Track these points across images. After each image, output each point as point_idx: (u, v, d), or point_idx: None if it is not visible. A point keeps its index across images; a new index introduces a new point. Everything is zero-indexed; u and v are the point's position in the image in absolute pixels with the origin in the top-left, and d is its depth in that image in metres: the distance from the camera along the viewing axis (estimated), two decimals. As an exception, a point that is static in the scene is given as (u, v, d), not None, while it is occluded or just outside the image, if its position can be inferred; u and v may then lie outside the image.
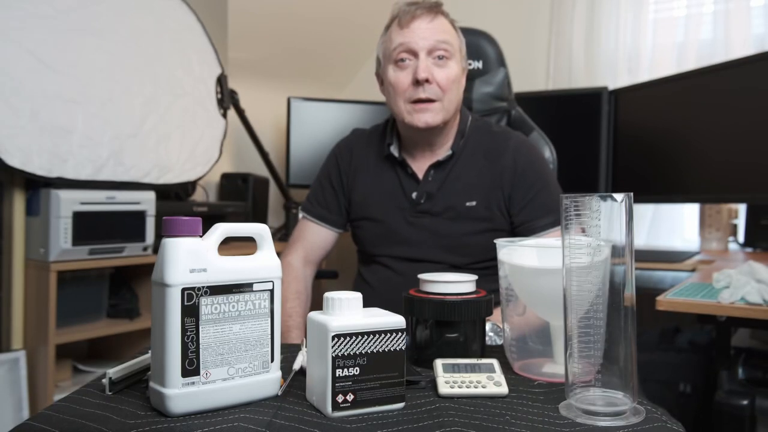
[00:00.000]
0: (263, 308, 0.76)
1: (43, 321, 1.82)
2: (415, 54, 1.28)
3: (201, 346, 0.71)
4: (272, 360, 0.77)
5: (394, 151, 1.38)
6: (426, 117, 1.29)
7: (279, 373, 0.78)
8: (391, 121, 1.43)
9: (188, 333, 0.70)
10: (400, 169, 1.38)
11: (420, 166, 1.38)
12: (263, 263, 0.77)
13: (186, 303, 0.70)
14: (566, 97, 2.38)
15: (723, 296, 1.20)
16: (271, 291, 0.77)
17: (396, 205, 1.37)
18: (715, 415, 1.34)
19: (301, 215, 1.51)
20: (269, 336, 0.77)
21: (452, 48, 1.30)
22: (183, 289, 0.70)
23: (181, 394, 0.70)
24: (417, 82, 1.27)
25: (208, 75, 2.32)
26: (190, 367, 0.70)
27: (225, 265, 0.73)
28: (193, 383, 0.71)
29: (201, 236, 0.73)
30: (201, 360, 0.71)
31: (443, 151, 1.37)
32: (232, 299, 0.73)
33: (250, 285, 0.75)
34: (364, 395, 0.71)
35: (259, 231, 0.78)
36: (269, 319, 0.77)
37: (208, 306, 0.72)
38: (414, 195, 1.36)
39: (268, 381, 0.76)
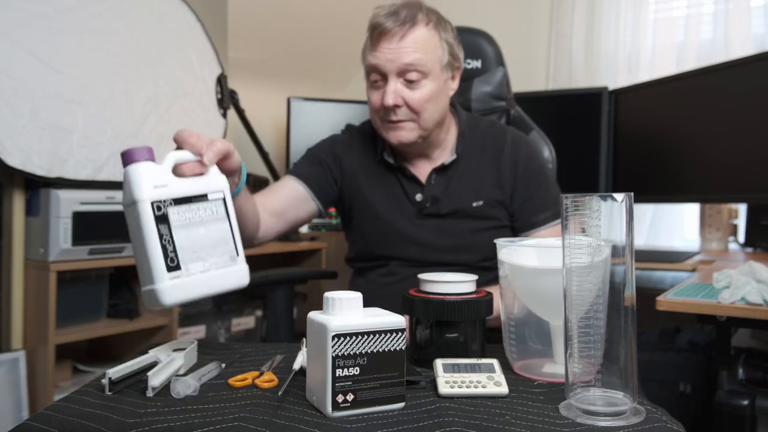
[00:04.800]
0: (220, 214, 0.90)
1: (43, 321, 1.82)
2: (384, 76, 1.24)
3: (177, 247, 0.83)
4: (237, 254, 0.91)
5: (388, 158, 1.37)
6: (399, 135, 1.27)
7: (246, 266, 0.92)
8: None
9: (164, 237, 0.82)
10: (399, 173, 1.37)
11: (419, 170, 1.36)
12: (211, 179, 0.90)
13: (157, 213, 0.82)
14: (566, 97, 2.38)
15: (723, 296, 1.20)
16: (224, 199, 0.91)
17: (400, 208, 1.36)
18: (715, 415, 1.34)
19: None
20: (230, 235, 0.90)
21: (425, 66, 1.22)
22: (152, 202, 0.82)
23: (170, 286, 0.81)
24: (386, 107, 1.24)
25: (208, 75, 2.33)
26: (172, 264, 0.82)
27: (181, 183, 0.86)
28: (178, 277, 0.82)
29: (155, 161, 0.85)
30: (180, 258, 0.83)
31: (445, 155, 1.36)
32: (193, 207, 0.87)
33: (205, 196, 0.88)
34: (364, 395, 0.71)
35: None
36: (227, 221, 0.90)
37: (175, 215, 0.84)
38: (418, 197, 1.34)
39: (238, 271, 0.90)
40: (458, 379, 0.79)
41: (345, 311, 0.73)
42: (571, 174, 2.21)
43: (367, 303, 0.77)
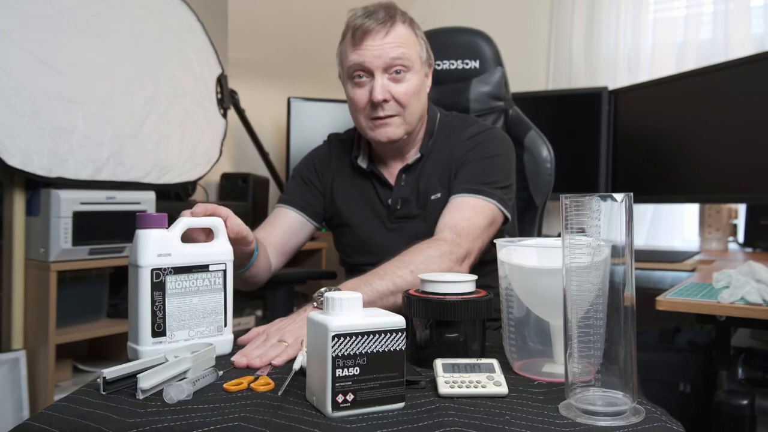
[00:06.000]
0: (217, 285, 0.94)
1: (44, 321, 1.82)
2: (370, 73, 1.25)
3: (167, 314, 0.89)
4: (225, 325, 0.95)
5: (362, 163, 1.37)
6: (387, 132, 1.28)
7: (231, 336, 0.95)
8: (357, 131, 1.41)
9: (156, 303, 0.88)
10: (374, 177, 1.37)
11: (392, 172, 1.37)
12: (218, 249, 0.95)
13: (155, 280, 0.88)
14: (566, 97, 2.39)
15: (723, 296, 1.20)
16: (224, 271, 0.94)
17: (374, 214, 1.36)
18: (715, 414, 1.34)
19: (275, 207, 1.44)
20: (222, 306, 0.94)
21: (409, 60, 1.25)
22: (152, 270, 0.87)
23: (151, 350, 0.87)
24: (374, 103, 1.25)
25: (208, 75, 2.33)
26: (158, 330, 0.88)
27: (186, 251, 0.91)
28: (161, 342, 0.88)
29: (167, 228, 0.90)
30: (167, 324, 0.89)
31: (412, 155, 1.36)
32: (191, 277, 0.91)
33: (206, 266, 0.92)
34: (364, 395, 0.71)
35: (215, 223, 0.96)
36: (222, 293, 0.94)
37: (172, 282, 0.89)
38: (389, 201, 1.35)
39: (222, 342, 0.94)
40: (458, 379, 0.79)
41: (345, 311, 0.74)
42: (571, 174, 2.21)
43: None
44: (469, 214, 1.23)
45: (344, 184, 1.41)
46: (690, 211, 2.40)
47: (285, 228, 1.38)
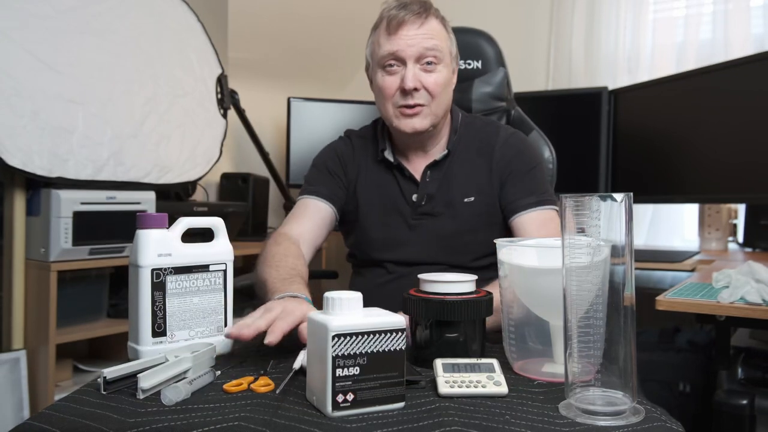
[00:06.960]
0: (218, 285, 0.95)
1: (44, 321, 1.82)
2: (403, 61, 1.27)
3: (167, 314, 0.90)
4: (225, 325, 0.96)
5: (388, 156, 1.37)
6: (413, 122, 1.29)
7: None
8: (380, 124, 1.42)
9: (157, 303, 0.89)
10: (398, 172, 1.38)
11: (416, 168, 1.37)
12: (218, 249, 0.95)
13: (155, 280, 0.89)
14: (566, 97, 2.39)
15: (722, 296, 1.20)
16: (224, 271, 0.95)
17: (397, 210, 1.36)
18: (715, 414, 1.34)
19: (299, 199, 1.41)
20: (222, 306, 0.95)
21: (441, 53, 1.28)
22: (152, 270, 0.88)
23: (152, 350, 0.88)
24: (405, 90, 1.26)
25: (208, 75, 2.33)
26: (159, 330, 0.89)
27: (186, 251, 0.92)
28: (161, 342, 0.89)
29: (167, 228, 0.91)
30: (167, 324, 0.90)
31: (438, 151, 1.37)
32: (192, 277, 0.92)
33: (207, 266, 0.93)
34: (364, 395, 0.71)
35: (215, 223, 0.97)
36: (223, 293, 0.95)
37: (172, 282, 0.90)
38: (414, 197, 1.35)
39: (222, 342, 0.94)
40: (458, 378, 0.79)
41: (345, 311, 0.74)
42: (571, 174, 2.21)
43: (366, 302, 0.77)
44: (553, 227, 1.27)
45: (368, 178, 1.40)
46: (690, 211, 2.40)
47: (318, 221, 1.37)
